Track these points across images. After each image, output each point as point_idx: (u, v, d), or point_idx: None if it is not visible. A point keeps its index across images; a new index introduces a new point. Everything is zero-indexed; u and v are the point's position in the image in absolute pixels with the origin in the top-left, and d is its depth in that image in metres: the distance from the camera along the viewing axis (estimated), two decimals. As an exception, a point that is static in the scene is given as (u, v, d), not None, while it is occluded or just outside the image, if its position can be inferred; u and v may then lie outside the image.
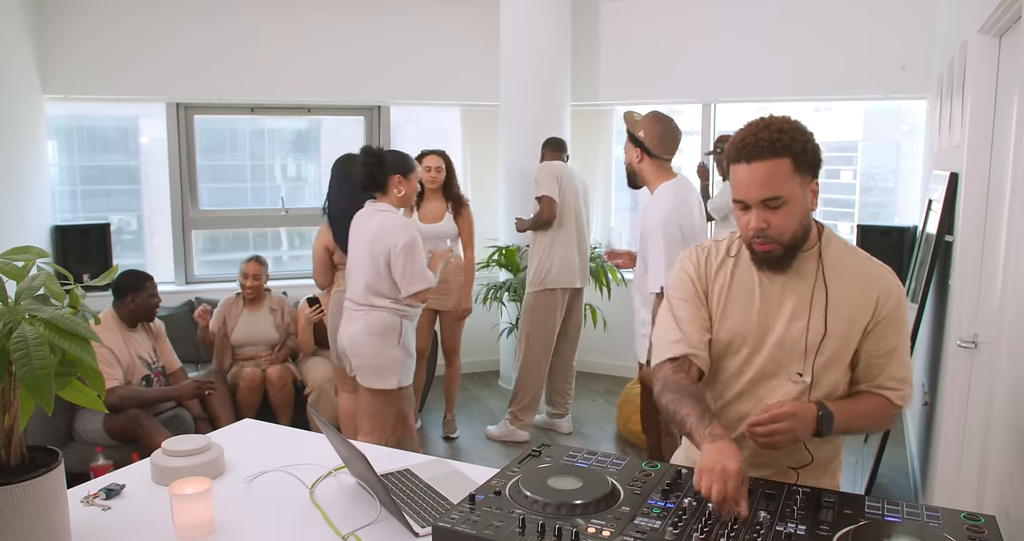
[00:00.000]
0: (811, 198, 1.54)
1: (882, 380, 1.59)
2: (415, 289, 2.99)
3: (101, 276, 1.48)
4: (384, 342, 3.05)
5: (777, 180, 1.48)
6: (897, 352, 1.59)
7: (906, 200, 5.03)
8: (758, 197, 1.50)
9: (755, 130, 1.51)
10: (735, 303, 1.63)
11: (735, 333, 1.63)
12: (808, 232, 1.56)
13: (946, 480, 2.74)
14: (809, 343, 1.57)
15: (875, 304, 1.56)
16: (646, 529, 1.30)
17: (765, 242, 1.53)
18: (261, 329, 4.19)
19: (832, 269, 1.58)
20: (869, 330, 1.57)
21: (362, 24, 5.19)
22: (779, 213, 1.50)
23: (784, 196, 1.49)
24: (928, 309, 3.32)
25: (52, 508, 1.36)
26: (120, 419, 3.35)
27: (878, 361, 1.59)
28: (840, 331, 1.57)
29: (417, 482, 1.73)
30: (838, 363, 1.59)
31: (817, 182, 1.55)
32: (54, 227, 4.69)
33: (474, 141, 5.71)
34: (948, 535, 1.26)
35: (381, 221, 3.01)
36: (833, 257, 1.60)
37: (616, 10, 5.34)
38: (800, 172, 1.50)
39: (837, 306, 1.57)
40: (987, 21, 2.47)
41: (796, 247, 1.54)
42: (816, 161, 1.53)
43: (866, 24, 4.66)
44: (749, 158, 1.49)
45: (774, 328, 1.60)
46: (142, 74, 4.80)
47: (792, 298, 1.59)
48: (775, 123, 1.51)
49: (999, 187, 2.41)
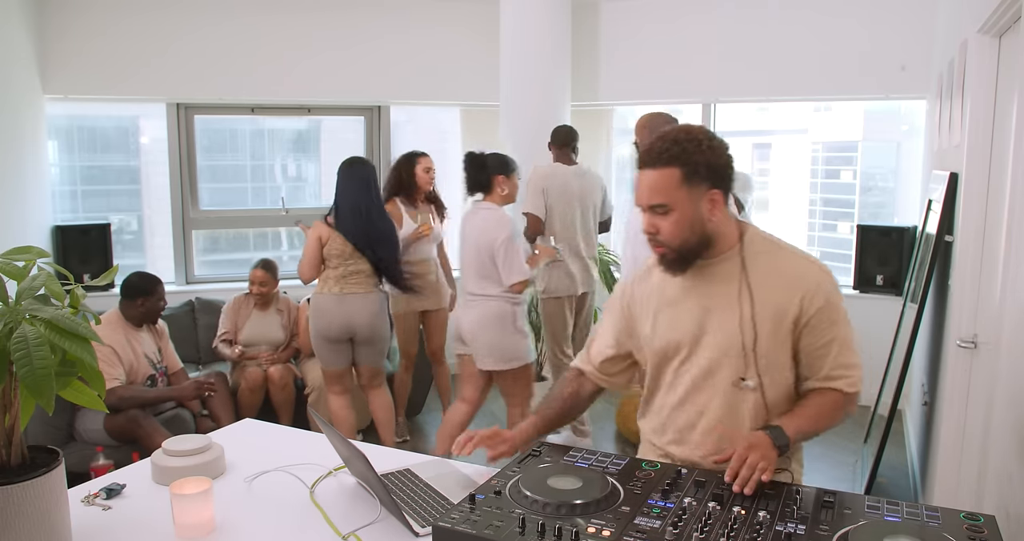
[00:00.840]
0: (709, 206, 1.58)
1: (828, 371, 1.62)
2: (513, 281, 3.23)
3: (101, 276, 1.49)
4: (501, 328, 3.29)
5: (664, 189, 1.55)
6: (836, 342, 1.61)
7: (906, 200, 5.03)
8: (645, 202, 1.58)
9: (655, 140, 1.58)
10: (665, 310, 1.70)
11: (668, 340, 1.68)
12: (708, 238, 1.60)
13: (946, 480, 2.74)
14: (744, 346, 1.60)
15: (800, 303, 1.59)
16: (646, 529, 1.30)
17: (657, 245, 1.61)
18: (268, 329, 4.21)
19: (755, 270, 1.62)
20: (801, 328, 1.60)
21: (362, 24, 5.19)
22: (667, 219, 1.57)
23: (669, 204, 1.55)
24: (928, 309, 3.32)
25: (53, 508, 1.36)
26: (120, 419, 3.35)
27: (819, 353, 1.61)
28: (769, 331, 1.60)
29: (417, 482, 1.74)
30: (778, 363, 1.62)
31: (720, 192, 1.58)
32: (55, 227, 4.69)
33: (474, 141, 5.71)
34: (948, 535, 1.26)
35: (484, 217, 3.31)
36: (755, 258, 1.63)
37: (616, 10, 5.34)
38: (691, 183, 1.55)
39: (762, 307, 1.60)
40: (987, 21, 2.47)
41: (690, 253, 1.60)
42: (719, 172, 1.57)
43: (866, 24, 4.66)
44: (643, 165, 1.58)
45: (705, 333, 1.64)
46: (142, 74, 4.81)
47: (719, 302, 1.63)
48: (675, 134, 1.58)
49: (999, 187, 2.41)
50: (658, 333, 1.70)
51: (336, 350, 3.65)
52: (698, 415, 1.67)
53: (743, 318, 1.60)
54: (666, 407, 1.72)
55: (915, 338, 3.19)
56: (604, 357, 1.81)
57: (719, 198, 1.58)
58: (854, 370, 1.62)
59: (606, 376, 1.82)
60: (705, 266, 1.64)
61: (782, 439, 1.51)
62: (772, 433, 1.52)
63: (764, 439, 1.50)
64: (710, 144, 1.56)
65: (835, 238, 5.47)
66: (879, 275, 4.76)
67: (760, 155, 5.85)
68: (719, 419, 1.64)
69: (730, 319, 1.61)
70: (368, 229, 3.59)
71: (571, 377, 1.86)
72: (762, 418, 1.63)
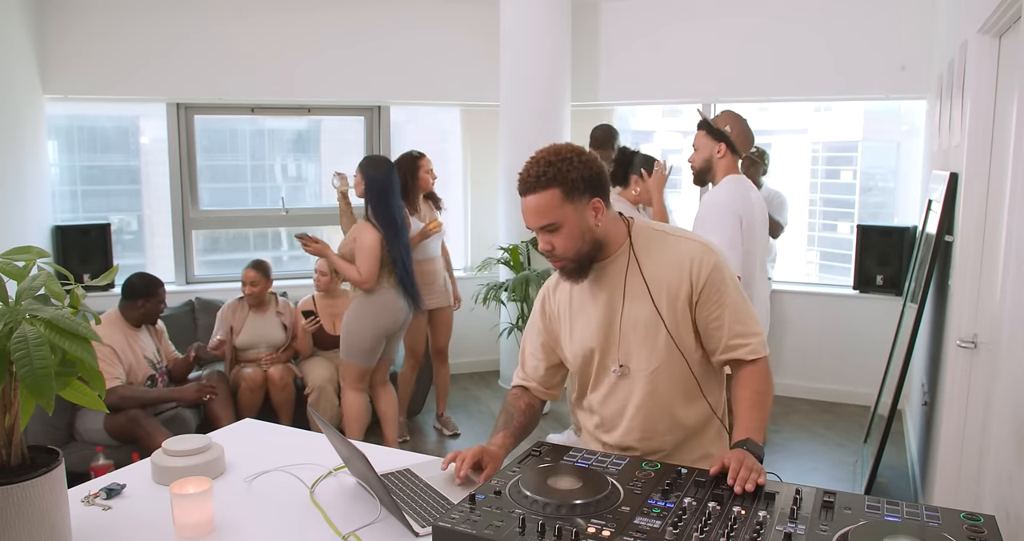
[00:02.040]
0: (594, 214, 1.69)
1: (727, 341, 1.73)
2: None
3: (102, 276, 1.49)
4: None
5: (548, 209, 1.65)
6: (728, 311, 1.72)
7: (906, 200, 5.03)
8: (535, 225, 1.68)
9: (528, 165, 1.67)
10: (577, 316, 1.82)
11: (583, 343, 1.80)
12: (599, 243, 1.72)
13: (946, 480, 2.74)
14: (646, 329, 1.73)
15: (689, 278, 1.71)
16: (646, 529, 1.30)
17: (555, 260, 1.73)
18: (267, 331, 4.20)
19: (646, 260, 1.75)
20: (695, 301, 1.72)
21: (362, 24, 5.19)
22: (559, 235, 1.68)
23: (557, 222, 1.66)
24: (928, 309, 3.32)
25: (53, 508, 1.36)
26: (120, 419, 3.35)
27: (714, 324, 1.73)
28: (668, 313, 1.72)
29: (417, 482, 1.73)
30: (684, 344, 1.73)
31: (600, 199, 1.69)
32: (55, 227, 4.69)
33: (474, 141, 5.72)
34: (948, 535, 1.26)
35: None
36: (645, 249, 1.76)
37: (616, 10, 5.34)
38: (572, 198, 1.65)
39: (658, 293, 1.72)
40: (987, 21, 2.47)
41: (585, 259, 1.72)
42: (594, 181, 1.67)
43: (866, 24, 4.66)
44: (523, 192, 1.67)
45: (613, 329, 1.76)
46: (142, 74, 4.81)
47: (619, 298, 1.75)
48: (545, 157, 1.66)
49: (999, 187, 2.41)
50: (575, 338, 1.82)
51: (382, 347, 3.72)
52: (623, 404, 1.79)
53: (643, 306, 1.73)
54: (595, 402, 1.85)
55: (915, 338, 3.19)
56: (540, 372, 1.92)
57: (600, 205, 1.69)
58: (752, 338, 1.73)
59: (546, 388, 1.93)
60: (600, 267, 1.76)
61: (759, 449, 1.57)
62: (747, 447, 1.56)
63: (747, 454, 1.53)
64: (580, 159, 1.66)
65: (835, 238, 5.48)
66: (879, 275, 4.76)
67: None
68: (641, 401, 1.76)
69: (630, 309, 1.74)
70: (400, 233, 3.63)
71: (518, 394, 1.93)
72: (680, 398, 1.77)
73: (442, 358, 4.45)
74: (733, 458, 1.50)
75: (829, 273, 5.46)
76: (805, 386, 5.06)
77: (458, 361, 5.31)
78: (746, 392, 1.71)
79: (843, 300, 4.96)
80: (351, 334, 3.64)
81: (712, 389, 1.82)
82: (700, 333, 1.75)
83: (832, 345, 4.98)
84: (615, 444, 1.82)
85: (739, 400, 1.71)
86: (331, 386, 4.11)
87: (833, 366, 4.99)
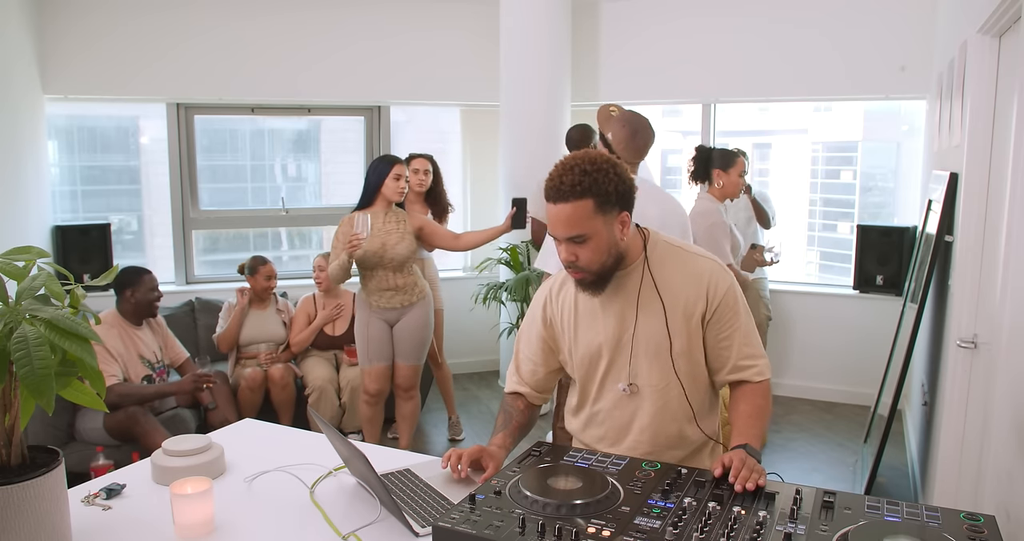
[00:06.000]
0: (620, 229, 1.65)
1: (734, 361, 1.72)
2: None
3: (101, 276, 1.49)
4: None
5: (580, 220, 1.59)
6: (739, 333, 1.72)
7: (906, 200, 5.03)
8: (563, 235, 1.62)
9: (561, 171, 1.59)
10: (583, 324, 1.78)
11: (589, 352, 1.78)
12: (621, 257, 1.68)
13: (946, 480, 2.74)
14: (658, 349, 1.70)
15: (706, 296, 1.70)
16: (646, 529, 1.30)
17: (576, 271, 1.67)
18: (268, 327, 4.22)
19: (661, 274, 1.71)
20: (708, 320, 1.71)
21: (362, 24, 5.19)
22: (585, 247, 1.62)
23: (587, 234, 1.60)
24: (928, 309, 3.32)
25: (53, 508, 1.36)
26: (119, 417, 3.34)
27: (724, 344, 1.72)
28: (681, 329, 1.69)
29: (417, 482, 1.73)
30: (693, 360, 1.72)
31: (627, 213, 1.65)
32: (55, 227, 4.69)
33: (474, 141, 5.71)
34: (948, 535, 1.26)
35: (694, 207, 3.71)
36: (660, 262, 1.73)
37: (616, 10, 5.34)
38: (604, 210, 1.60)
39: (672, 308, 1.69)
40: (987, 21, 2.47)
41: (607, 273, 1.67)
42: (625, 195, 1.62)
43: (866, 24, 4.66)
44: (555, 199, 1.59)
45: (623, 341, 1.73)
46: (142, 74, 4.81)
47: (631, 310, 1.71)
48: (580, 164, 1.59)
49: (999, 187, 2.41)
50: (580, 346, 1.79)
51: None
52: (630, 418, 1.77)
53: (656, 322, 1.70)
54: (600, 413, 1.82)
55: (915, 338, 3.19)
56: (539, 376, 1.90)
57: (627, 218, 1.65)
58: (759, 360, 1.74)
59: (540, 393, 1.92)
60: (615, 278, 1.71)
61: (756, 454, 1.57)
62: (742, 446, 1.57)
63: (748, 455, 1.54)
64: (615, 170, 1.60)
65: (835, 238, 5.47)
66: (879, 275, 4.76)
67: (760, 155, 5.85)
68: (651, 418, 1.75)
69: (643, 325, 1.71)
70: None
71: (513, 398, 1.92)
72: (688, 415, 1.75)
73: (435, 362, 4.35)
74: (735, 457, 1.50)
75: (829, 273, 5.46)
76: (805, 386, 5.06)
77: (458, 361, 5.31)
78: (747, 406, 1.70)
79: (843, 300, 4.96)
80: (429, 336, 3.66)
81: (714, 407, 1.83)
82: (707, 351, 1.74)
83: (832, 345, 4.98)
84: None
85: (739, 412, 1.70)
86: (331, 386, 4.11)
87: (833, 366, 4.99)
